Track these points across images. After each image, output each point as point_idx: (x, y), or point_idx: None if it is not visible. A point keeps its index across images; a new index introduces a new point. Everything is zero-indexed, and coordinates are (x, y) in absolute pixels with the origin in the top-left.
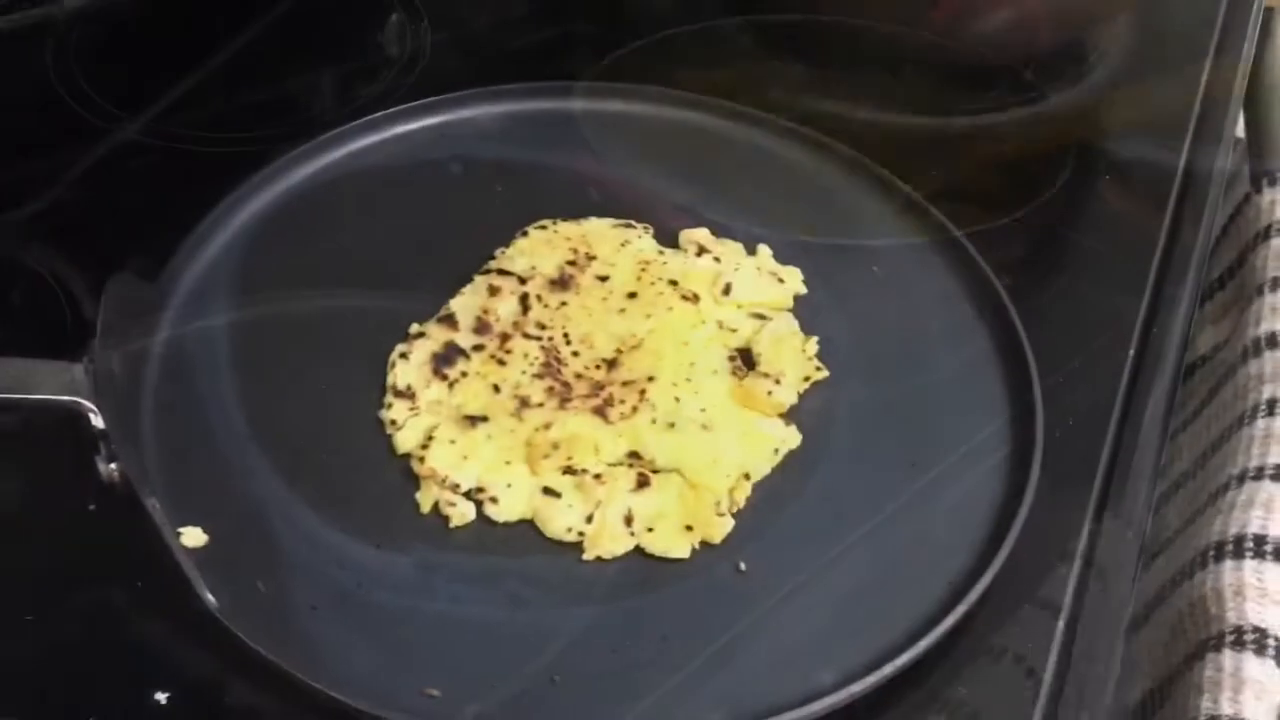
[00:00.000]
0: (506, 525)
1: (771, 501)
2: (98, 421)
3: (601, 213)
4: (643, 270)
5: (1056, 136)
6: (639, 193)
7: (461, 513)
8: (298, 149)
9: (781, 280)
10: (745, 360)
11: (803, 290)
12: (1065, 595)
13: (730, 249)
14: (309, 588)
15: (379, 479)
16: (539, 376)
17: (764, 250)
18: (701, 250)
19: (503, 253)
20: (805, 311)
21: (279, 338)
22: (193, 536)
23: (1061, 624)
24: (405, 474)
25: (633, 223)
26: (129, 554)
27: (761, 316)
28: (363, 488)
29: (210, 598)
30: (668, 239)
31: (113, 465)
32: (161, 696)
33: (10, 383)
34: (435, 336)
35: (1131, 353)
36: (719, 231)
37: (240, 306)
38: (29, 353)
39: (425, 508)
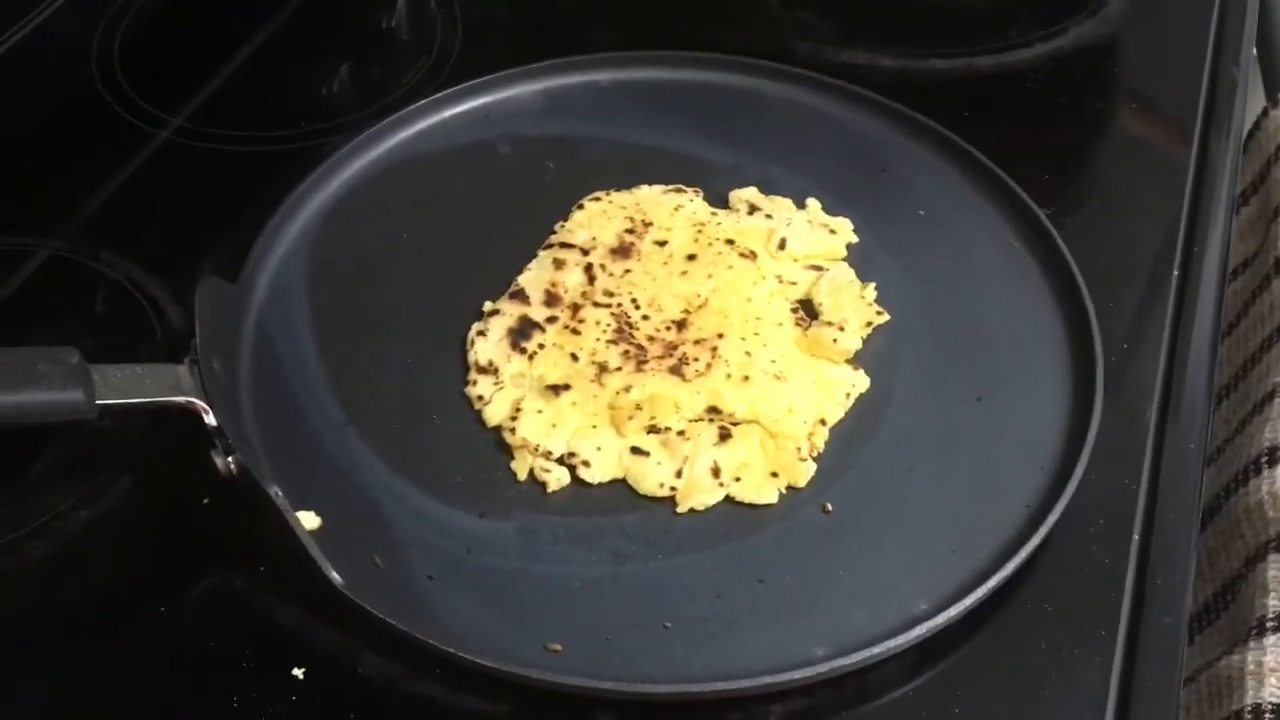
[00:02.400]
0: (600, 486)
1: (849, 444)
2: (210, 419)
3: (650, 180)
4: (699, 232)
5: (1080, 67)
6: (683, 157)
7: (557, 478)
8: (350, 142)
9: (833, 231)
10: (808, 311)
11: (854, 239)
12: (1137, 510)
13: (780, 205)
14: (422, 558)
15: (473, 452)
16: (613, 342)
17: (813, 203)
18: (753, 208)
19: (562, 226)
20: (859, 259)
21: (357, 327)
22: (307, 520)
23: (1137, 537)
24: (497, 446)
25: (682, 187)
26: (250, 542)
27: (818, 268)
28: (458, 462)
29: (336, 575)
30: (718, 200)
31: (230, 458)
32: (299, 672)
33: (124, 388)
34: (509, 312)
35: (1176, 272)
36: (766, 189)
37: (316, 300)
38: (121, 360)
39: (521, 475)
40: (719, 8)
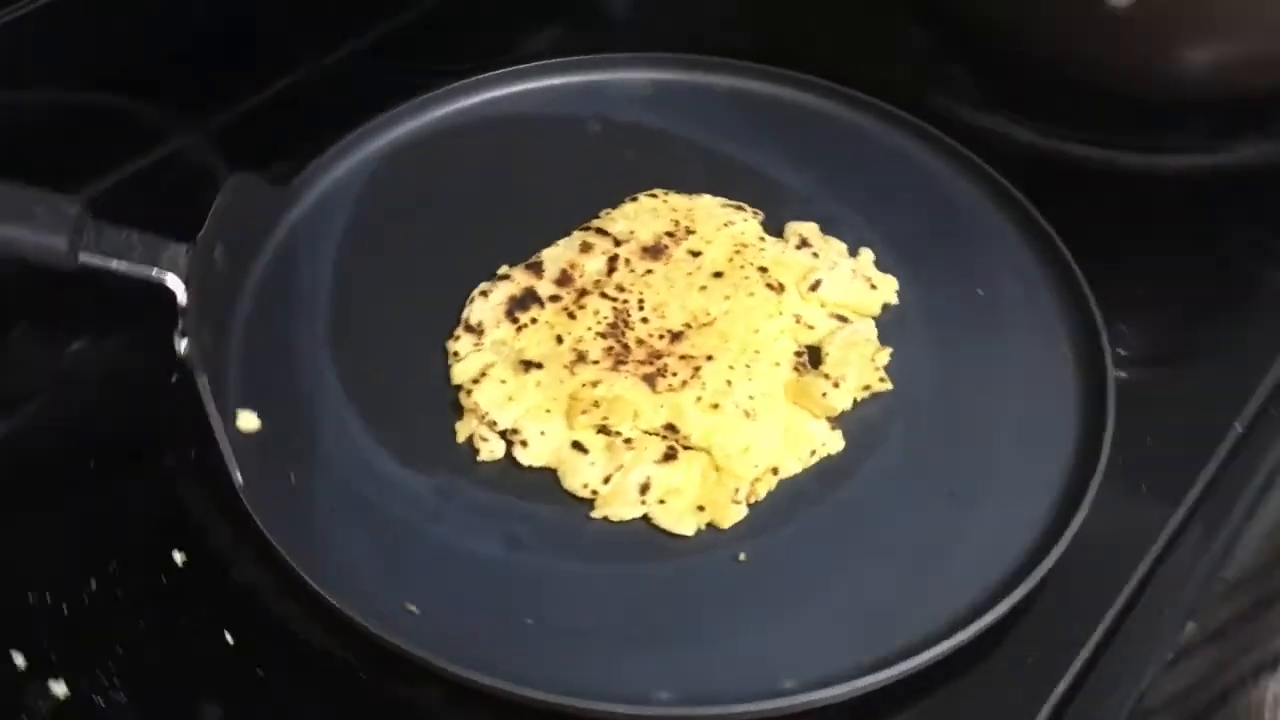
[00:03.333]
0: (530, 470)
1: (793, 501)
2: (180, 298)
3: (719, 190)
4: (736, 252)
5: (1230, 190)
6: (762, 177)
7: (491, 449)
8: (443, 88)
9: (874, 286)
10: (812, 358)
11: (894, 300)
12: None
13: (833, 247)
14: (332, 488)
15: (429, 404)
16: (602, 335)
17: (866, 254)
18: (803, 242)
19: (607, 213)
20: (892, 321)
21: (381, 261)
22: (247, 420)
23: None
24: (454, 404)
25: (744, 205)
26: (194, 426)
27: (843, 319)
28: (412, 408)
29: (239, 477)
30: (776, 227)
31: (184, 341)
32: (179, 556)
33: (112, 249)
34: (518, 280)
35: (1238, 429)
36: (829, 227)
37: (351, 230)
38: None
39: (460, 438)
40: (867, 44)
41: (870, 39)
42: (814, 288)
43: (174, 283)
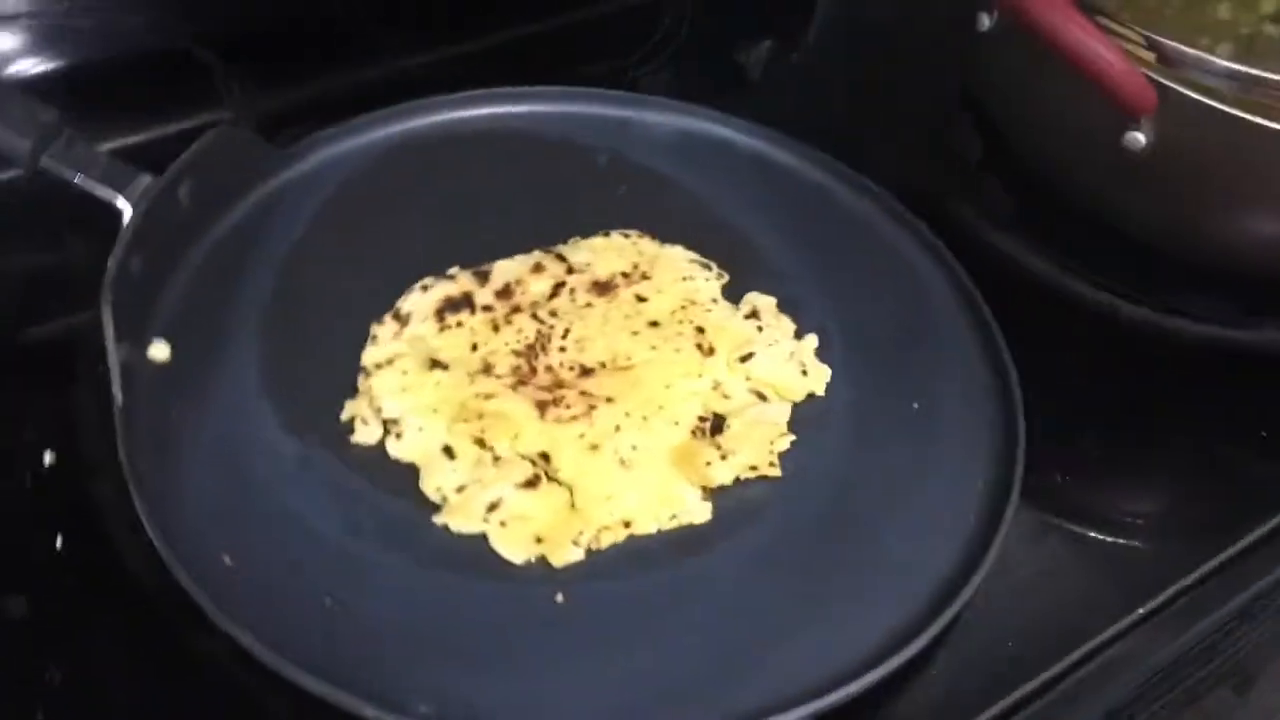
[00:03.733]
0: (396, 463)
1: (635, 560)
2: (123, 222)
3: (696, 245)
4: (682, 307)
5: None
6: (746, 242)
7: (366, 433)
8: (471, 92)
9: (805, 373)
10: (715, 427)
11: (820, 392)
12: None
13: (782, 325)
14: (204, 427)
15: (333, 378)
16: (516, 353)
17: (810, 340)
18: (754, 314)
19: (575, 241)
20: (811, 412)
21: (346, 239)
22: (159, 349)
23: None
24: (354, 384)
25: (712, 265)
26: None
27: (762, 397)
28: (315, 378)
29: (119, 397)
30: (736, 294)
31: (110, 263)
32: (49, 456)
33: (74, 163)
34: (460, 283)
35: None
36: (790, 306)
37: (332, 202)
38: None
39: (344, 416)
40: (916, 139)
41: (921, 135)
42: (744, 359)
43: (123, 204)
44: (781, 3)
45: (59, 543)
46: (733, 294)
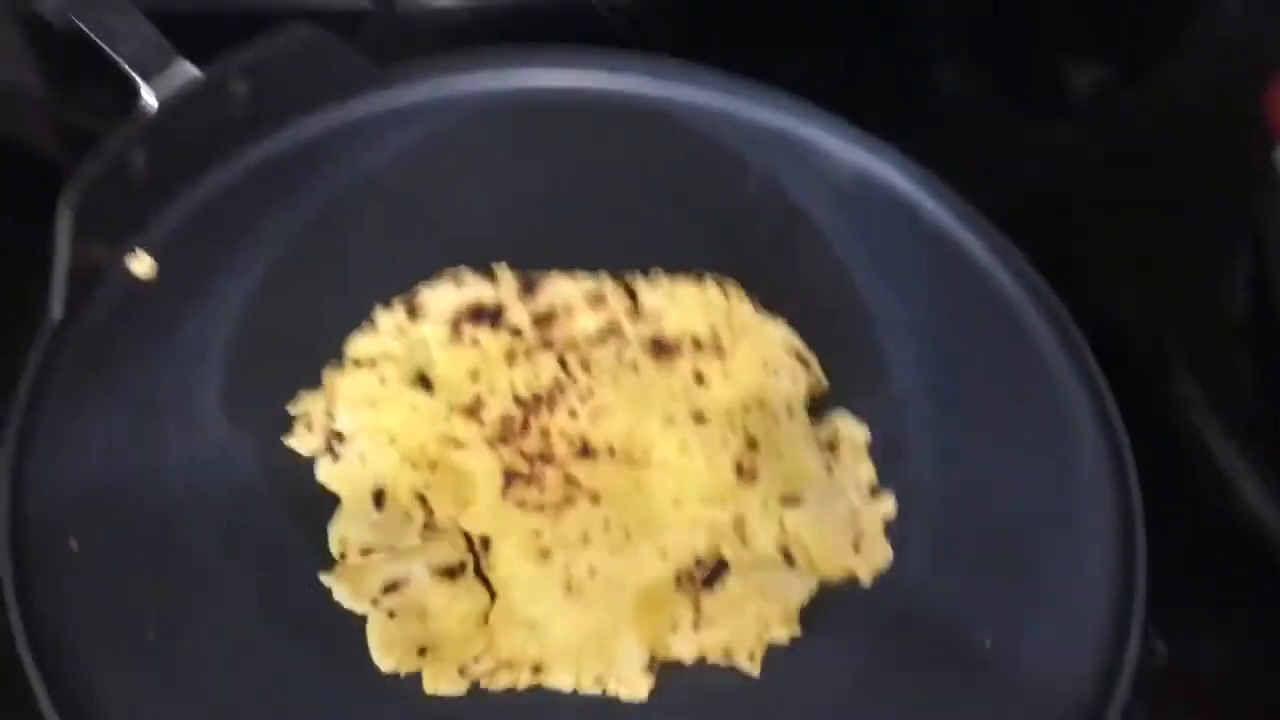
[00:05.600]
0: (321, 487)
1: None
2: (147, 108)
3: (808, 328)
4: (745, 408)
5: None
6: (877, 341)
7: (306, 440)
8: (632, 55)
9: (857, 549)
10: (708, 578)
11: (865, 580)
12: None
13: (859, 474)
14: (147, 377)
15: (308, 355)
16: (518, 400)
17: (884, 506)
18: (832, 445)
19: (657, 274)
20: (847, 600)
21: (410, 197)
22: (142, 264)
23: None
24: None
25: (812, 361)
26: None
27: (789, 559)
28: (289, 348)
29: (58, 310)
30: (827, 408)
31: (96, 153)
32: None
33: (113, 32)
34: (501, 289)
35: None
36: (886, 449)
37: (413, 149)
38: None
39: (293, 409)
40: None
41: (1172, 271)
42: (788, 501)
43: (147, 93)
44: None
45: None
46: (822, 408)
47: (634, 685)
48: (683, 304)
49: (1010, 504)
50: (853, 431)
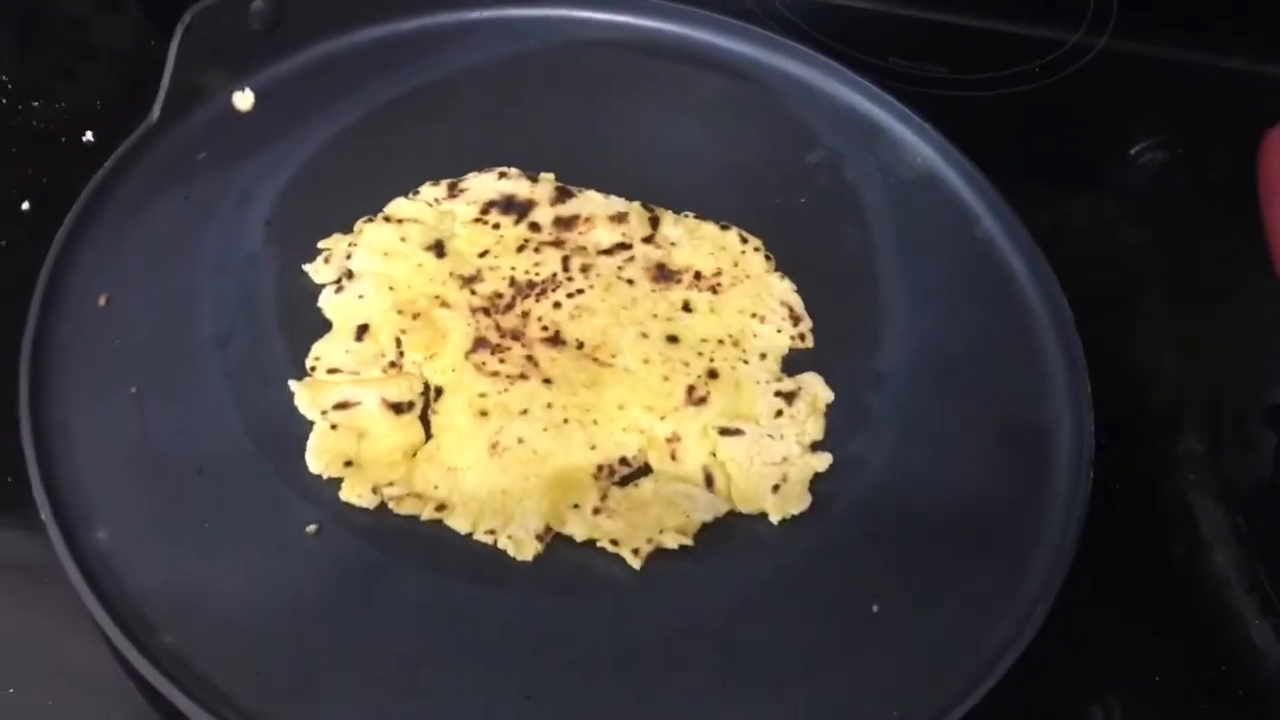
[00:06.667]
0: (317, 311)
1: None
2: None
3: (813, 292)
4: (720, 341)
5: None
6: (879, 318)
7: (324, 271)
8: (734, 20)
9: (776, 489)
10: (626, 478)
11: (774, 520)
12: None
13: (807, 428)
14: (219, 172)
15: (351, 207)
16: (512, 282)
17: (819, 461)
18: (790, 395)
19: (687, 215)
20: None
21: (486, 105)
22: (245, 101)
23: None
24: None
25: (805, 320)
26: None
27: (710, 484)
28: (338, 197)
29: (157, 110)
30: (804, 367)
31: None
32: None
33: None
34: (539, 190)
35: None
36: (850, 416)
37: (499, 65)
38: None
39: (321, 243)
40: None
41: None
42: (725, 432)
43: None
44: None
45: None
46: (799, 365)
47: (522, 546)
48: (699, 242)
49: (947, 499)
50: (816, 390)
